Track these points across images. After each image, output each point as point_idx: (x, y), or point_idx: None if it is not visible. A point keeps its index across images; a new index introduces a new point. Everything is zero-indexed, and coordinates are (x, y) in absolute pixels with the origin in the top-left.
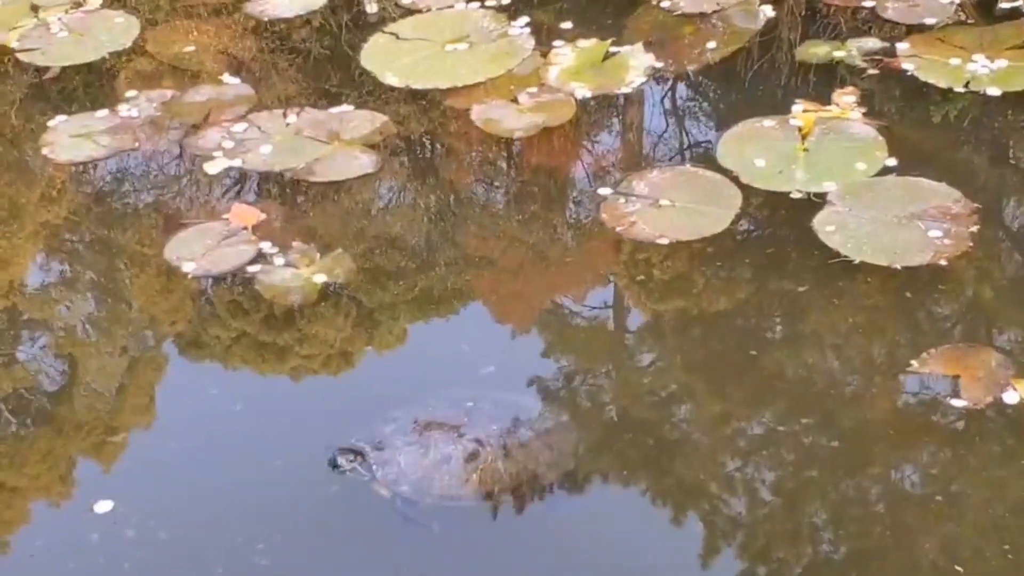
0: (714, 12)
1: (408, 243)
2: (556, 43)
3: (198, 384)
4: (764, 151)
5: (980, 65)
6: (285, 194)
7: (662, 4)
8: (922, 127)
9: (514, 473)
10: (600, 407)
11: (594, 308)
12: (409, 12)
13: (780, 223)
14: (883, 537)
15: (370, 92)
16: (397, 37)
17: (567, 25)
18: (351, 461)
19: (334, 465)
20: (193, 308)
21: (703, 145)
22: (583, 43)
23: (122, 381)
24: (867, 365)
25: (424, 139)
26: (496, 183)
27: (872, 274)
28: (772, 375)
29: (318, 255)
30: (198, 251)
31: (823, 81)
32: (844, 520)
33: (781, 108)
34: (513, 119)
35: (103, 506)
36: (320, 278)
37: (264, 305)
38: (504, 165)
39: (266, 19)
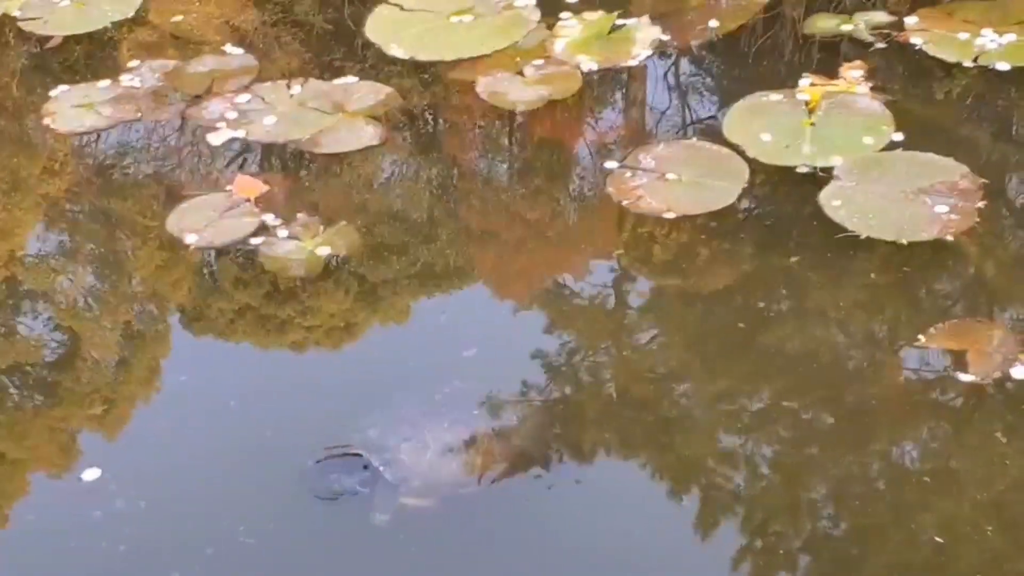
0: None
1: (411, 217)
2: (562, 15)
3: (200, 357)
4: (771, 125)
5: (989, 39)
6: (289, 166)
7: None
8: (930, 102)
9: (507, 453)
10: (601, 383)
11: (596, 285)
12: None
13: (786, 198)
14: (886, 512)
15: (374, 64)
16: (401, 8)
17: None
18: (365, 469)
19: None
20: (195, 281)
21: (709, 119)
22: (589, 15)
23: (123, 354)
24: (873, 340)
25: (429, 111)
26: (501, 156)
27: (878, 249)
28: (776, 350)
29: (322, 227)
30: (200, 223)
31: (830, 55)
32: (847, 496)
33: (788, 82)
34: (518, 91)
35: (93, 475)
36: (324, 251)
37: (267, 279)
38: (509, 138)
39: None
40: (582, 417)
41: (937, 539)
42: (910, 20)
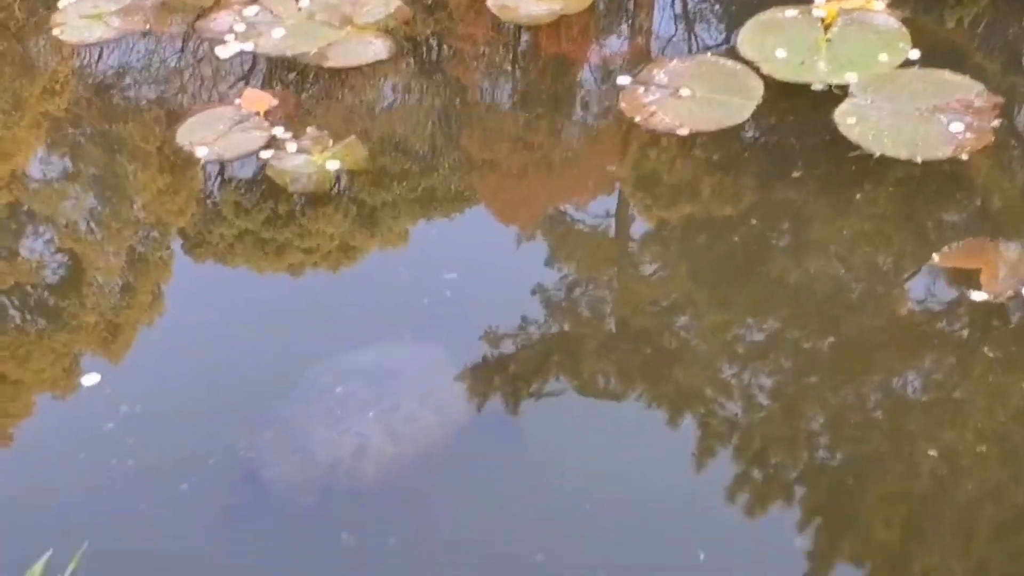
0: None
1: (423, 131)
2: None
3: (202, 280)
4: (786, 41)
5: None
6: (297, 80)
7: None
8: (946, 19)
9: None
10: (602, 315)
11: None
12: None
13: (801, 115)
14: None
15: None
16: None
17: None
18: None
19: None
20: (200, 203)
21: (724, 35)
22: None
23: (127, 278)
24: (887, 259)
25: (439, 25)
26: (512, 71)
27: (892, 167)
28: (792, 266)
29: (331, 142)
30: (210, 136)
31: None
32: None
33: None
34: (530, 5)
35: (96, 389)
36: (333, 165)
37: (267, 206)
38: (521, 53)
39: None
40: (581, 348)
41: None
42: None
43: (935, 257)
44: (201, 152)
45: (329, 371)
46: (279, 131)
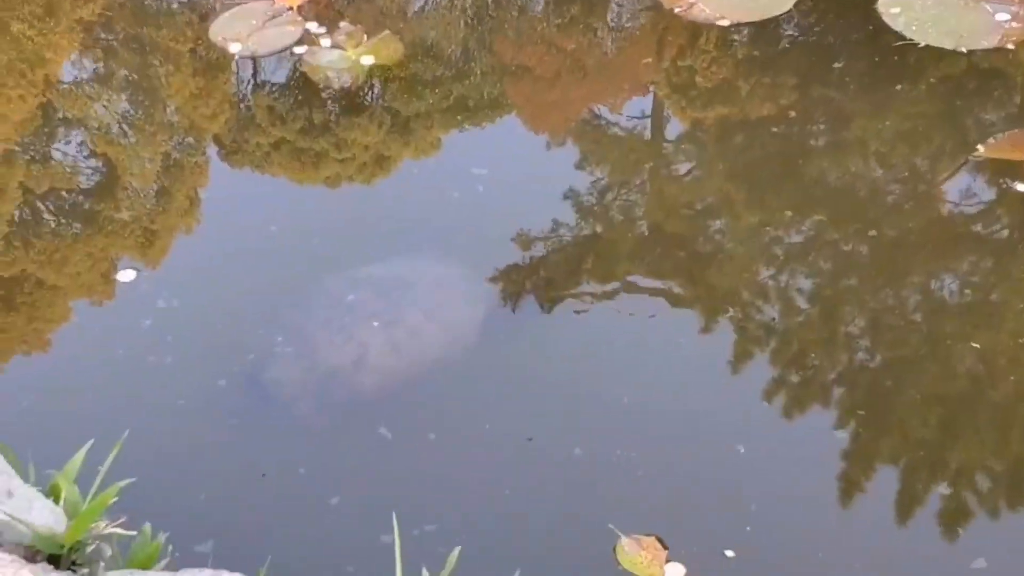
0: None
1: (455, 33)
2: None
3: (238, 187)
4: None
5: None
6: None
7: None
8: None
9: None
10: (634, 218)
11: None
12: None
13: (845, 4)
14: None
15: None
16: None
17: None
18: None
19: None
20: (234, 107)
21: None
22: None
23: (162, 183)
24: (929, 155)
25: None
26: None
27: (936, 60)
28: (831, 165)
29: (365, 36)
30: (243, 31)
31: None
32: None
33: None
34: None
35: (132, 286)
36: (367, 60)
37: (303, 113)
38: None
39: None
40: (614, 251)
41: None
42: None
43: (980, 149)
44: (234, 48)
45: (344, 280)
46: (312, 26)
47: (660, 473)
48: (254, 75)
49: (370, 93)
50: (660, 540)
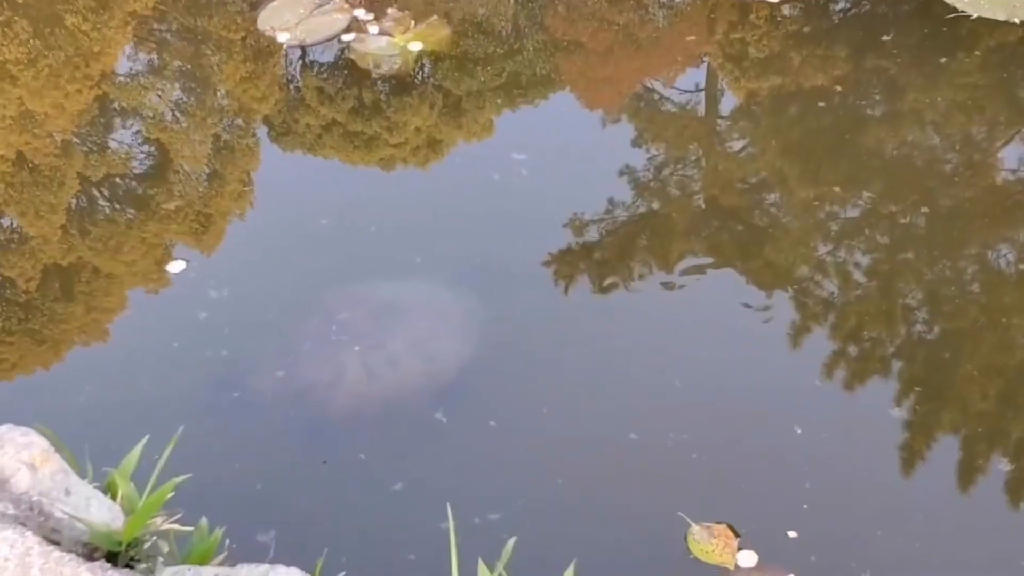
0: None
1: (505, 10)
2: None
3: (289, 170)
4: None
5: None
6: None
7: None
8: None
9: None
10: (690, 193)
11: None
12: None
13: None
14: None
15: None
16: None
17: None
18: None
19: None
20: (283, 89)
21: None
22: None
23: (215, 167)
24: (986, 120)
25: None
26: None
27: (990, 29)
28: (892, 128)
29: (413, 23)
30: (291, 20)
31: None
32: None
33: None
34: None
35: (184, 275)
36: (416, 46)
37: (352, 93)
38: None
39: None
40: (669, 226)
41: None
42: None
43: None
44: (282, 38)
45: (341, 296)
46: (360, 13)
47: (718, 456)
48: (303, 57)
49: (419, 75)
50: (731, 527)
